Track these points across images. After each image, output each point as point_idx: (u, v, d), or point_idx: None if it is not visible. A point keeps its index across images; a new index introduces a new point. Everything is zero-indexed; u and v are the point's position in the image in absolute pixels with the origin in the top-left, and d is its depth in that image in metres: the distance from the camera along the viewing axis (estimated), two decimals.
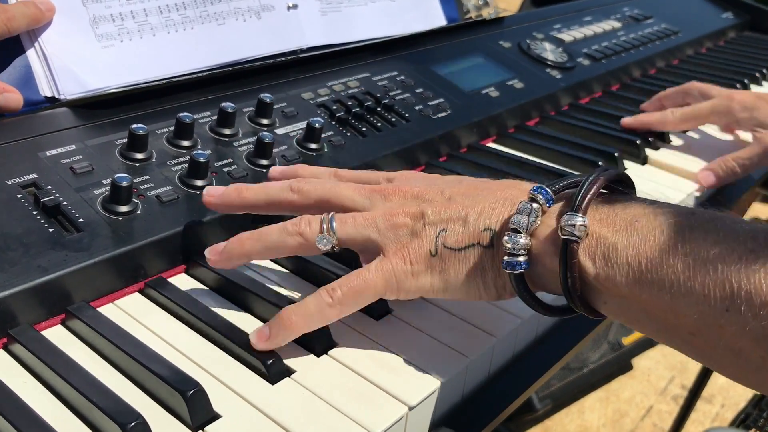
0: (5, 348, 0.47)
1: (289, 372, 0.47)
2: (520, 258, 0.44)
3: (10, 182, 0.53)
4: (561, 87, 0.98)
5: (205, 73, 0.72)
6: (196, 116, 0.66)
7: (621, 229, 0.42)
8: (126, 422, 0.39)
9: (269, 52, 0.78)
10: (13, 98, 0.60)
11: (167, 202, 0.56)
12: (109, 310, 0.51)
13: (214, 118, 0.67)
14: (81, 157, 0.58)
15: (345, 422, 0.43)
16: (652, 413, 1.93)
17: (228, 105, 0.65)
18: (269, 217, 0.56)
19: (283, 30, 0.79)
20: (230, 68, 0.74)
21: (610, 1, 1.32)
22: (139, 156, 0.59)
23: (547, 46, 1.05)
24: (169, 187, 0.58)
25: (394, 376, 0.47)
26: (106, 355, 0.47)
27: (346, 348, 0.49)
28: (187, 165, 0.59)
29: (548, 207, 0.45)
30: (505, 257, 0.44)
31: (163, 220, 0.55)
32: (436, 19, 0.99)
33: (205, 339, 0.49)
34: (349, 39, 0.86)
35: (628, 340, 1.98)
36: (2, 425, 0.40)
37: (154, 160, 0.60)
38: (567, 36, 1.11)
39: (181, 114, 0.62)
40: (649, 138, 0.90)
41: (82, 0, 0.67)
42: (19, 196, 0.53)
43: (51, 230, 0.51)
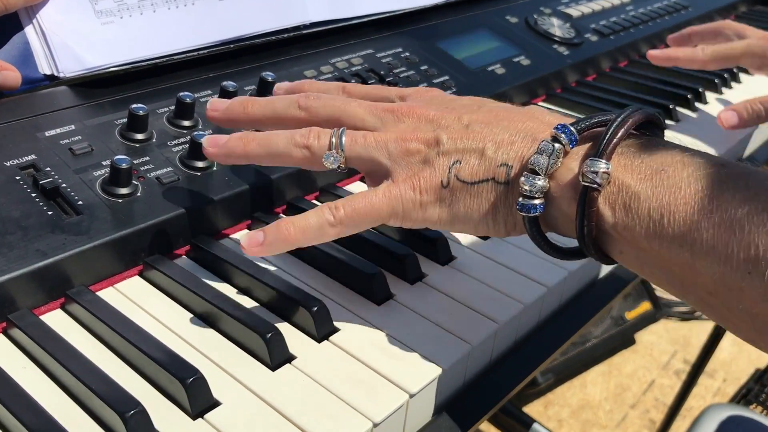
0: (4, 333, 0.47)
1: (289, 358, 0.47)
2: (537, 201, 0.42)
3: (8, 164, 0.53)
4: (568, 64, 0.96)
5: (206, 50, 0.71)
6: (197, 95, 0.65)
7: (646, 177, 0.40)
8: (125, 410, 0.39)
9: (271, 29, 0.76)
10: (11, 76, 0.60)
11: (168, 184, 0.56)
12: (108, 294, 0.51)
13: (216, 96, 0.66)
14: (80, 137, 0.57)
15: (345, 410, 0.43)
16: (654, 387, 1.94)
17: (229, 84, 0.65)
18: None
19: (286, 5, 0.78)
20: (232, 45, 0.73)
21: None
22: (139, 137, 0.59)
23: (555, 21, 1.03)
24: (169, 169, 0.57)
25: (395, 363, 0.47)
26: (106, 340, 0.47)
27: (347, 334, 0.49)
28: (188, 146, 0.59)
29: (571, 148, 0.42)
30: (521, 198, 0.42)
31: (164, 202, 0.55)
32: None
33: (205, 324, 0.49)
34: (353, 14, 0.85)
35: (631, 315, 1.99)
36: (0, 412, 0.40)
37: (154, 140, 0.59)
38: (575, 11, 1.09)
39: (181, 93, 0.62)
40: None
41: None
42: (18, 178, 0.52)
43: (50, 213, 0.50)
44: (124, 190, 0.54)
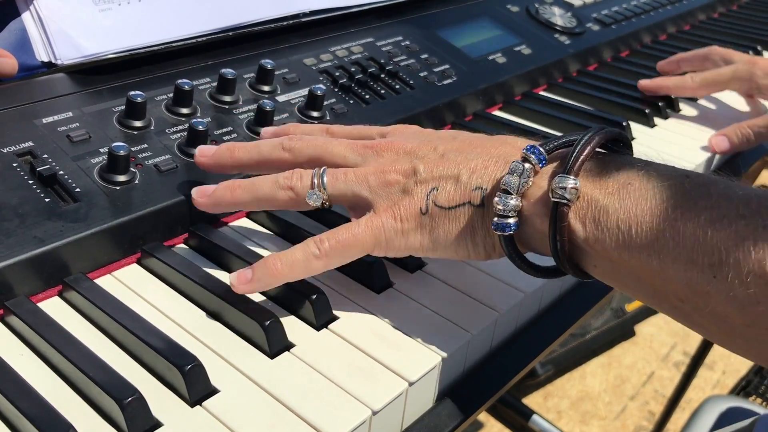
0: (1, 320, 0.46)
1: (288, 346, 0.46)
2: (510, 219, 0.43)
3: (5, 150, 0.52)
4: (569, 53, 0.96)
5: (205, 37, 0.70)
6: (196, 83, 0.65)
7: (613, 191, 0.41)
8: (123, 397, 0.39)
9: (270, 16, 0.76)
10: (8, 63, 0.59)
11: (166, 172, 0.56)
12: (106, 281, 0.51)
13: (214, 84, 0.65)
14: (78, 124, 0.57)
15: (345, 397, 0.43)
16: (653, 379, 1.94)
17: (228, 71, 0.64)
18: None
19: None
20: (231, 33, 0.72)
21: None
22: (137, 124, 0.58)
23: (556, 10, 1.03)
24: (167, 156, 0.57)
25: (394, 351, 0.47)
26: (104, 327, 0.46)
27: (347, 322, 0.49)
28: (186, 133, 0.58)
29: (540, 167, 0.44)
30: (495, 218, 0.44)
31: (162, 189, 0.54)
32: None
33: (203, 312, 0.49)
34: (353, 2, 0.84)
35: (631, 307, 1.99)
36: None
37: (152, 128, 0.59)
38: (576, 0, 1.08)
39: (180, 81, 0.61)
40: (660, 103, 0.88)
41: None
42: (15, 165, 0.52)
43: (47, 200, 0.50)
44: (122, 178, 0.53)
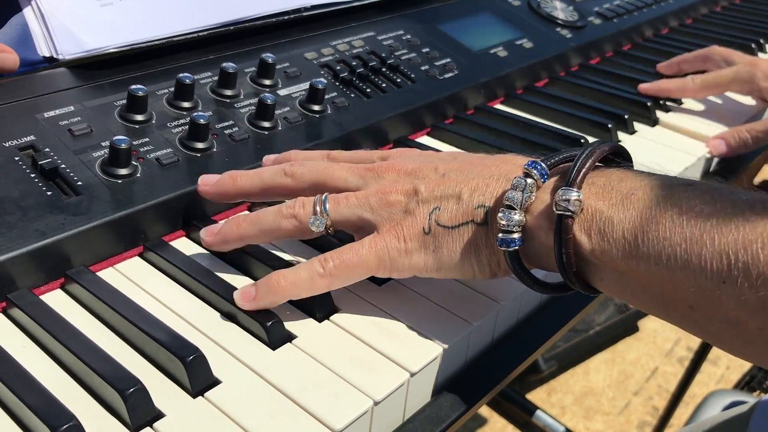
0: (4, 312, 0.47)
1: (290, 337, 0.46)
2: (515, 235, 0.43)
3: (7, 144, 0.53)
4: (571, 47, 0.96)
5: (206, 32, 0.71)
6: (197, 77, 0.65)
7: (617, 202, 0.41)
8: (125, 388, 0.39)
9: (272, 11, 0.76)
10: (9, 59, 0.59)
11: (167, 165, 0.56)
12: (108, 274, 0.51)
13: (215, 78, 0.65)
14: (80, 118, 0.57)
15: (346, 388, 0.43)
16: (657, 375, 1.94)
17: (229, 65, 0.64)
18: None
19: None
20: (232, 27, 0.72)
21: None
22: (139, 118, 0.58)
23: (558, 4, 1.02)
24: (169, 150, 0.57)
25: (395, 343, 0.47)
26: (106, 319, 0.47)
27: (348, 313, 0.49)
28: (187, 127, 0.58)
29: (543, 182, 0.44)
30: (500, 234, 0.43)
31: (163, 183, 0.54)
32: None
33: (205, 304, 0.49)
34: None
35: None
36: (1, 390, 0.40)
37: (153, 122, 0.59)
38: None
39: (181, 75, 0.61)
40: (660, 100, 0.88)
41: None
42: (17, 158, 0.52)
43: (49, 193, 0.50)
44: (123, 171, 0.53)
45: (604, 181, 0.43)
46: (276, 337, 0.45)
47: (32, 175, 0.51)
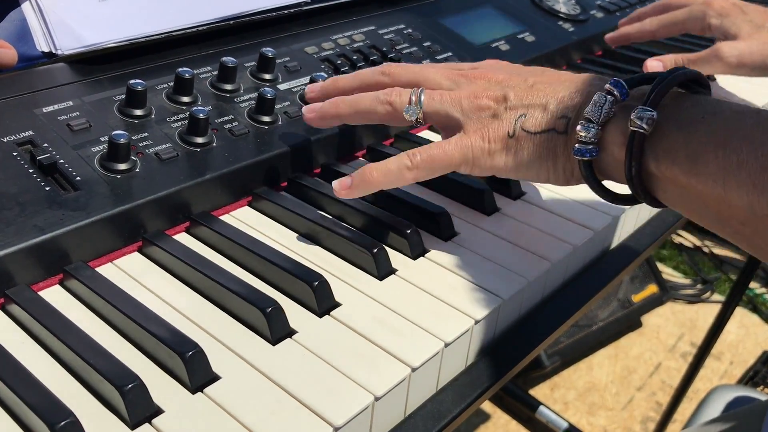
0: (2, 308, 0.46)
1: (290, 333, 0.46)
2: (591, 146, 0.47)
3: (5, 140, 0.52)
4: (573, 40, 0.95)
5: (205, 26, 0.70)
6: (197, 71, 0.65)
7: (686, 125, 0.44)
8: (123, 384, 0.39)
9: (272, 5, 0.75)
10: (8, 54, 0.59)
11: (166, 160, 0.55)
12: (107, 269, 0.50)
13: (215, 73, 0.65)
14: (78, 113, 0.57)
15: (347, 384, 0.43)
16: (660, 370, 1.93)
17: (229, 59, 0.64)
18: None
19: None
20: (231, 21, 0.72)
21: None
22: (138, 112, 0.58)
23: None
24: (168, 145, 0.57)
25: (397, 337, 0.46)
26: (105, 315, 0.46)
27: (349, 308, 0.49)
28: (187, 122, 0.58)
29: (622, 100, 0.47)
30: (577, 144, 0.47)
31: (163, 178, 0.54)
32: None
33: (204, 299, 0.49)
34: None
35: (637, 298, 1.98)
36: None
37: (153, 116, 0.59)
38: None
39: (180, 69, 0.61)
40: None
41: None
42: (15, 153, 0.52)
43: (48, 189, 0.50)
44: (122, 166, 0.53)
45: (678, 104, 0.45)
46: (276, 333, 0.45)
47: (30, 171, 0.51)
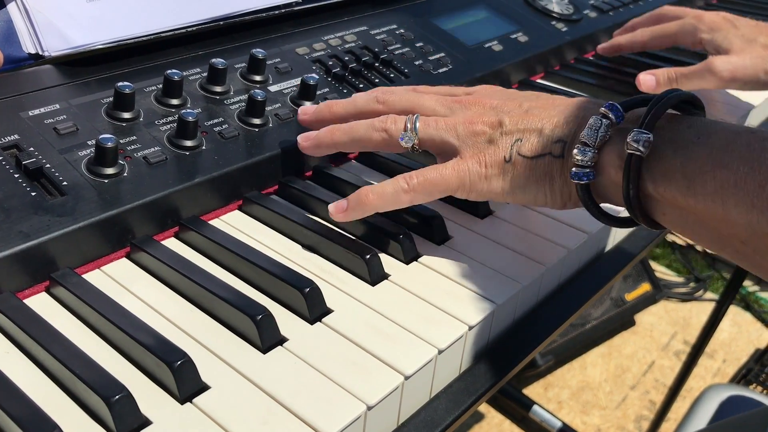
0: None
1: (281, 341, 0.45)
2: (588, 169, 0.47)
3: None
4: (567, 40, 0.95)
5: (195, 27, 0.69)
6: (186, 73, 0.64)
7: (682, 146, 0.44)
8: (110, 395, 0.38)
9: (262, 6, 0.74)
10: None
11: (155, 164, 0.54)
12: (95, 276, 0.49)
13: (204, 74, 0.64)
14: (65, 116, 0.56)
15: (339, 393, 0.42)
16: (654, 368, 1.93)
17: (219, 61, 0.63)
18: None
19: None
20: (221, 22, 0.71)
21: None
22: (126, 115, 0.57)
23: None
24: (157, 148, 0.56)
25: (389, 345, 0.46)
26: (92, 323, 0.45)
27: (341, 315, 0.48)
28: (175, 125, 0.57)
29: (618, 123, 0.47)
30: (574, 168, 0.47)
31: (151, 182, 0.53)
32: None
33: (194, 306, 0.48)
34: None
35: (631, 296, 1.98)
36: None
37: (141, 119, 0.58)
38: None
39: (169, 71, 0.60)
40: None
41: None
42: (0, 158, 0.51)
43: (33, 194, 0.49)
44: (110, 170, 0.52)
45: (674, 125, 0.46)
46: (267, 341, 0.44)
47: (16, 176, 0.50)
